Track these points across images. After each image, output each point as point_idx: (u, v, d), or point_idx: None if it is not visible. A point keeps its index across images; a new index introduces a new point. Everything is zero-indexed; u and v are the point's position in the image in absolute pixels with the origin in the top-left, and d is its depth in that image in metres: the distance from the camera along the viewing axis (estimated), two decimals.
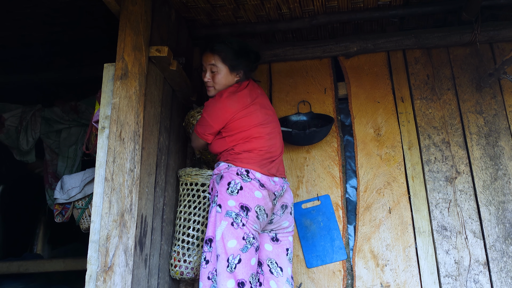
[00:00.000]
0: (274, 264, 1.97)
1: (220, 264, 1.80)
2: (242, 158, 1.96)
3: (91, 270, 1.78)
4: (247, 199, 1.88)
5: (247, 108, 2.04)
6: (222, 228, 1.85)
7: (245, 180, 1.91)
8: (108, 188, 1.79)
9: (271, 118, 2.13)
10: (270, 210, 1.97)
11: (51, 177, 3.33)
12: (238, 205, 1.87)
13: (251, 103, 2.06)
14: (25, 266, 3.33)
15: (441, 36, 2.62)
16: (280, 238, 2.04)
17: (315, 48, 2.74)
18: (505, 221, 2.31)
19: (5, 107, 3.38)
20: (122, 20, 2.00)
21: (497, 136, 2.46)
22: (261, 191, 1.92)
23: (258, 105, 2.09)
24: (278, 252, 2.00)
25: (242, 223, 1.85)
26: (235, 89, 2.08)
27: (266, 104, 2.17)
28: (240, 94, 2.06)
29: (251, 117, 2.03)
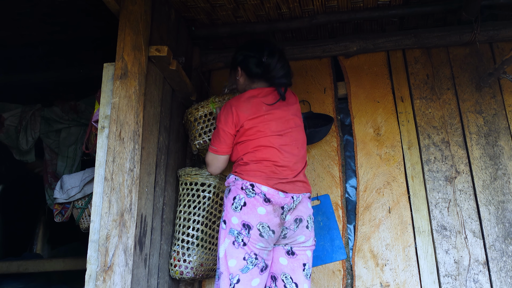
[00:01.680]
0: (289, 279, 1.83)
1: (222, 282, 1.78)
2: (249, 170, 1.86)
3: (90, 270, 1.78)
4: (249, 216, 1.79)
5: (261, 117, 1.95)
6: (225, 246, 1.81)
7: (249, 195, 1.81)
8: (107, 188, 1.79)
9: (292, 130, 1.98)
10: (278, 226, 1.83)
11: (50, 177, 3.33)
12: (240, 223, 1.79)
13: (267, 112, 1.96)
14: (25, 266, 3.33)
15: (441, 36, 2.63)
16: (297, 251, 1.88)
17: (314, 47, 2.74)
18: (504, 220, 2.31)
19: (4, 107, 3.38)
20: (121, 20, 2.00)
21: (497, 135, 2.46)
22: (265, 206, 1.80)
23: (277, 114, 1.97)
24: (294, 266, 1.86)
25: (243, 242, 1.78)
26: (250, 95, 2.01)
27: (290, 115, 2.01)
28: (255, 100, 1.98)
29: (264, 126, 1.93)
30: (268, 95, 2.01)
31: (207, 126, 2.33)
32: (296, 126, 2.02)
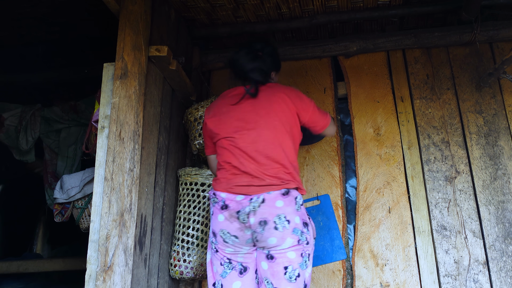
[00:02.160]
0: (270, 284, 1.75)
1: None
2: (216, 178, 1.87)
3: (90, 270, 1.78)
4: (213, 224, 1.83)
5: (218, 117, 1.93)
6: (209, 254, 1.89)
7: (213, 204, 1.84)
8: (107, 188, 1.79)
9: (253, 128, 1.87)
10: (239, 230, 1.78)
11: (50, 177, 3.33)
12: (211, 231, 1.86)
13: (227, 111, 1.93)
14: (25, 266, 3.33)
15: (441, 36, 2.63)
16: (275, 255, 1.76)
17: (314, 47, 2.74)
18: (504, 220, 2.31)
19: (4, 107, 3.38)
20: (121, 20, 2.00)
21: (497, 135, 2.46)
22: (223, 213, 1.79)
23: (236, 113, 1.91)
24: (274, 271, 1.76)
25: (215, 249, 1.83)
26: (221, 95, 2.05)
27: (257, 113, 1.90)
28: (221, 101, 2.00)
29: (220, 126, 1.92)
30: (239, 94, 1.96)
31: None
32: (265, 123, 1.88)
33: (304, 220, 1.82)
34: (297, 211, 1.80)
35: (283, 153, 1.86)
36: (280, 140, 1.87)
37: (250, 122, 1.88)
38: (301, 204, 1.85)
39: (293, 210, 1.78)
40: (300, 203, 1.83)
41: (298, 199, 1.82)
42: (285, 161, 1.85)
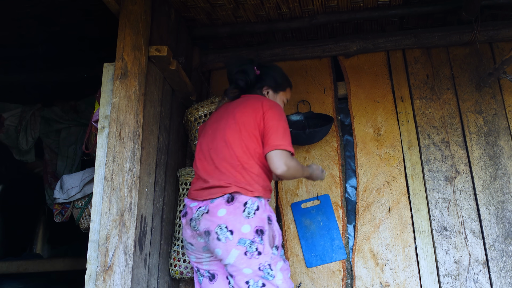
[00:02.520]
0: None
1: None
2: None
3: (90, 270, 1.78)
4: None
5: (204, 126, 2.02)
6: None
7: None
8: (107, 188, 1.79)
9: (214, 133, 1.87)
10: (191, 237, 1.79)
11: (50, 177, 3.33)
12: None
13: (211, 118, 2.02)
14: (25, 266, 3.33)
15: (441, 36, 2.63)
16: (233, 273, 1.66)
17: (314, 47, 2.74)
18: (504, 220, 2.31)
19: (4, 107, 3.38)
20: (121, 20, 2.00)
21: (497, 135, 2.46)
22: (183, 220, 1.86)
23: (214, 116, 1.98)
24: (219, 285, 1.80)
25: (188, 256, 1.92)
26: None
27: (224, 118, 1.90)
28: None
29: (201, 132, 2.00)
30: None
31: None
32: (225, 124, 1.86)
33: (259, 227, 1.66)
34: (247, 219, 1.65)
35: (234, 155, 1.77)
36: (235, 142, 1.80)
37: (215, 126, 1.91)
38: (256, 209, 1.68)
39: (239, 218, 1.65)
40: (253, 208, 1.68)
41: (249, 205, 1.68)
42: (235, 163, 1.76)
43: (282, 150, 1.74)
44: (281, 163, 1.72)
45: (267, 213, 1.73)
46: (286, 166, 1.73)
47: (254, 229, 1.65)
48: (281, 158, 1.73)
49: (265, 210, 1.73)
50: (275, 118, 1.81)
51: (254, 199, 1.70)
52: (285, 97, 2.11)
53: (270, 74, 2.05)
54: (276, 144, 1.74)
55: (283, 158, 1.73)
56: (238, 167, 1.76)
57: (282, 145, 1.74)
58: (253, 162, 1.78)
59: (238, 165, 1.76)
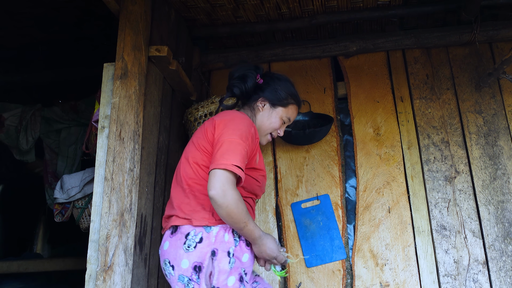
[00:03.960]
0: None
1: None
2: None
3: (91, 270, 1.78)
4: None
5: None
6: None
7: None
8: (107, 188, 1.80)
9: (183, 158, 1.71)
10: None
11: (50, 177, 3.33)
12: None
13: None
14: (25, 266, 3.33)
15: (441, 36, 2.63)
16: None
17: (314, 47, 2.74)
18: (504, 220, 2.32)
19: (4, 107, 3.38)
20: (121, 20, 2.00)
21: (496, 135, 2.46)
22: None
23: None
24: None
25: None
26: None
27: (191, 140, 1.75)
28: None
29: None
30: None
31: None
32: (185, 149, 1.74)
33: (197, 262, 1.49)
34: (186, 252, 1.50)
35: (184, 177, 1.62)
36: (187, 162, 1.65)
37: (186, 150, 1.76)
38: (199, 241, 1.51)
39: (179, 253, 1.52)
40: (195, 241, 1.51)
41: (191, 236, 1.52)
42: (184, 186, 1.61)
43: (223, 170, 1.44)
44: (217, 184, 1.43)
45: (212, 247, 1.51)
46: (222, 190, 1.42)
47: (192, 265, 1.49)
48: (218, 180, 1.43)
49: (211, 243, 1.51)
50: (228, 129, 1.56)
51: (198, 230, 1.53)
52: (286, 115, 1.83)
53: (273, 86, 1.81)
54: (219, 163, 1.46)
55: (220, 181, 1.43)
56: (186, 190, 1.60)
57: (224, 164, 1.45)
58: (206, 182, 1.56)
59: (187, 189, 1.60)
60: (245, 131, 1.58)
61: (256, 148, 1.67)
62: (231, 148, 1.49)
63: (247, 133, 1.57)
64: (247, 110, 1.84)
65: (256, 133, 1.67)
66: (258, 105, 1.82)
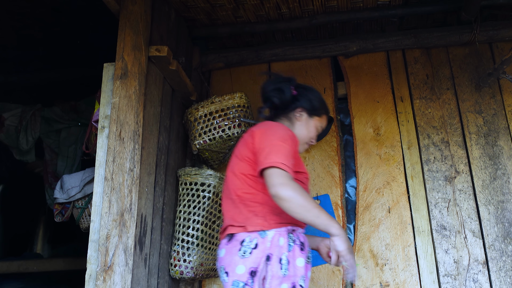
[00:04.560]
0: None
1: None
2: None
3: (90, 270, 1.78)
4: None
5: None
6: None
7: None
8: (107, 188, 1.80)
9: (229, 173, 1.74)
10: None
11: (50, 177, 3.33)
12: None
13: None
14: (25, 266, 3.33)
15: (441, 36, 2.63)
16: None
17: (314, 47, 2.74)
18: (504, 220, 2.32)
19: (4, 107, 3.38)
20: (121, 20, 2.00)
21: (496, 135, 2.46)
22: None
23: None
24: None
25: None
26: None
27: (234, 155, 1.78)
28: None
29: None
30: None
31: (207, 126, 2.33)
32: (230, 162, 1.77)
33: (253, 268, 1.51)
34: (242, 258, 1.52)
35: (233, 189, 1.66)
36: (235, 173, 1.68)
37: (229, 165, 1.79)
38: (254, 247, 1.53)
39: (233, 259, 1.54)
40: (250, 247, 1.53)
41: (246, 242, 1.54)
42: (233, 197, 1.65)
43: (276, 168, 1.49)
44: (274, 182, 1.46)
45: (267, 252, 1.53)
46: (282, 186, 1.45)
47: (249, 271, 1.51)
48: (276, 176, 1.47)
49: (266, 248, 1.53)
50: (267, 135, 1.61)
51: (253, 236, 1.55)
52: (320, 124, 1.89)
53: (307, 96, 1.86)
54: (267, 162, 1.50)
55: (279, 176, 1.47)
56: (236, 201, 1.63)
57: (270, 162, 1.49)
58: (255, 191, 1.62)
59: (236, 199, 1.64)
60: (284, 134, 1.63)
61: (297, 151, 1.71)
62: (274, 150, 1.54)
63: (286, 136, 1.62)
64: (283, 120, 1.86)
65: (295, 137, 1.71)
66: (296, 115, 1.84)
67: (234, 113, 2.33)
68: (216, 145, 2.34)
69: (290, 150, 1.57)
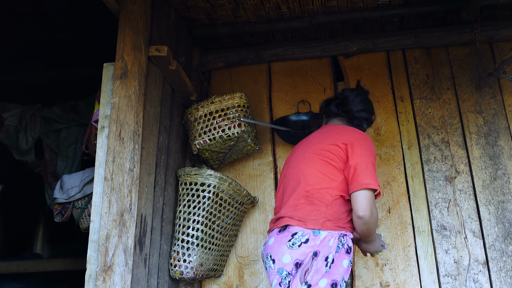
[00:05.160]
0: None
1: None
2: None
3: (90, 270, 1.78)
4: None
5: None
6: None
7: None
8: (107, 188, 1.79)
9: (293, 162, 1.88)
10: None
11: (50, 177, 3.33)
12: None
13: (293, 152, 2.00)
14: (25, 266, 3.33)
15: (441, 36, 2.63)
16: None
17: (314, 47, 2.74)
18: (504, 220, 2.31)
19: (4, 107, 3.38)
20: (121, 20, 2.00)
21: (497, 135, 2.46)
22: None
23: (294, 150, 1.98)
24: None
25: None
26: None
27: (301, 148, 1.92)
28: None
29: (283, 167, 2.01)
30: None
31: (207, 126, 2.33)
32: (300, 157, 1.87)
33: (299, 260, 1.61)
34: (289, 249, 1.62)
35: (305, 184, 1.74)
36: (310, 170, 1.76)
37: (296, 155, 1.93)
38: (305, 241, 1.62)
39: (282, 248, 1.64)
40: (301, 240, 1.62)
41: (298, 235, 1.64)
42: (301, 192, 1.73)
43: (369, 190, 1.63)
44: (366, 205, 1.61)
45: (315, 248, 1.61)
46: (370, 211, 1.62)
47: (294, 262, 1.61)
48: (367, 200, 1.62)
49: (315, 245, 1.61)
50: (364, 153, 1.71)
51: (307, 232, 1.64)
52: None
53: (373, 113, 2.07)
54: (365, 183, 1.63)
55: (370, 200, 1.62)
56: (302, 196, 1.71)
57: (370, 184, 1.63)
58: (327, 192, 1.70)
59: (304, 194, 1.71)
60: (372, 149, 1.77)
61: None
62: (368, 167, 1.67)
63: (373, 150, 1.78)
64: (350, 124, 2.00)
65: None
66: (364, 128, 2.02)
67: (234, 113, 2.33)
68: (216, 145, 2.34)
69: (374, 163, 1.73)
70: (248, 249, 2.48)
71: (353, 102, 1.99)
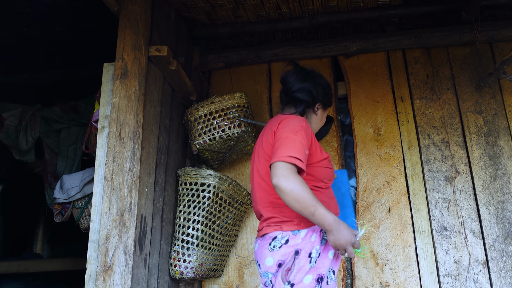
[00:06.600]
0: None
1: None
2: None
3: (90, 270, 1.78)
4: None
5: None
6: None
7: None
8: (107, 188, 1.79)
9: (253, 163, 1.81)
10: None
11: (50, 177, 3.33)
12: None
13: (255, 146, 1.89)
14: (25, 266, 3.33)
15: (441, 36, 2.63)
16: None
17: (314, 47, 2.74)
18: (504, 220, 2.31)
19: (4, 107, 3.38)
20: (121, 20, 2.00)
21: (497, 135, 2.46)
22: None
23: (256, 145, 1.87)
24: None
25: None
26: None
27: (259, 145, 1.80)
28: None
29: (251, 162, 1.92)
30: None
31: (207, 126, 2.33)
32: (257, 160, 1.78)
33: (281, 260, 1.60)
34: (271, 251, 1.62)
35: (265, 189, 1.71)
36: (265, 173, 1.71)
37: (254, 154, 1.83)
38: (285, 242, 1.60)
39: (264, 252, 1.65)
40: (281, 242, 1.61)
41: (278, 238, 1.62)
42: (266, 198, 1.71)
43: (282, 162, 1.48)
44: (275, 173, 1.46)
45: (296, 247, 1.58)
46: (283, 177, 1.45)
47: (277, 263, 1.61)
48: (279, 168, 1.47)
49: (296, 244, 1.59)
50: (283, 133, 1.60)
51: (286, 234, 1.61)
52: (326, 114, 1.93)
53: (324, 90, 1.83)
54: (278, 156, 1.49)
55: (282, 168, 1.47)
56: (268, 202, 1.70)
57: (283, 156, 1.48)
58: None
59: (268, 200, 1.70)
60: (296, 125, 1.61)
61: (313, 140, 1.68)
62: (283, 143, 1.54)
63: (298, 127, 1.61)
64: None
65: (309, 127, 1.68)
66: (314, 110, 1.85)
67: (234, 113, 2.33)
68: (216, 145, 2.34)
69: (302, 141, 1.55)
70: (248, 249, 2.48)
71: (290, 83, 1.80)
